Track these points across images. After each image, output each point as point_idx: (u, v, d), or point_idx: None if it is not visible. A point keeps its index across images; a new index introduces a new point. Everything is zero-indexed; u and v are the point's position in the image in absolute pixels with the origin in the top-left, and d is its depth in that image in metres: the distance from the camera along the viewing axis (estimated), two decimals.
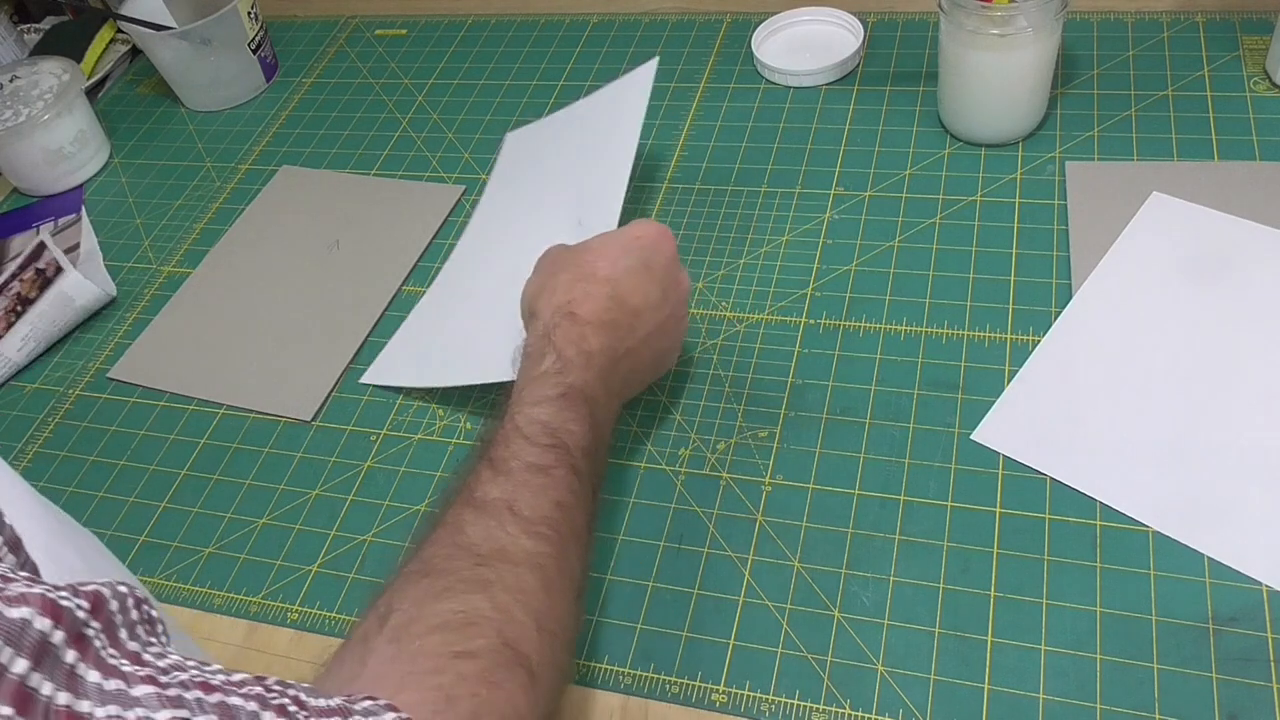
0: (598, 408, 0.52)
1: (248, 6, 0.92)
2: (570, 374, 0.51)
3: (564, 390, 0.51)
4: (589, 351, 0.53)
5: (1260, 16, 0.79)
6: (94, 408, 0.73)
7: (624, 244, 0.57)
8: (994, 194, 0.71)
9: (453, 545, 0.44)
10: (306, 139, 0.90)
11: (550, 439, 0.49)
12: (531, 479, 0.47)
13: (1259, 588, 0.50)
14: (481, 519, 0.45)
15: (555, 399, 0.50)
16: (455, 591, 0.41)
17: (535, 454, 0.48)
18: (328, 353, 0.72)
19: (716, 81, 0.86)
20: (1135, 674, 0.49)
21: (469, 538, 0.44)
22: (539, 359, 0.52)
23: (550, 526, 0.45)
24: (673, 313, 0.58)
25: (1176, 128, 0.72)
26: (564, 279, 0.55)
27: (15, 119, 0.88)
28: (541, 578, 0.44)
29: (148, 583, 0.62)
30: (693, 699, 0.52)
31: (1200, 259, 0.64)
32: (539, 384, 0.51)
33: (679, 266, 0.59)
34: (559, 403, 0.50)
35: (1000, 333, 0.63)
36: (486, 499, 0.46)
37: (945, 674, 0.50)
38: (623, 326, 0.55)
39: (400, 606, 0.41)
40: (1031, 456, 0.57)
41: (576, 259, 0.57)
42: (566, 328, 0.53)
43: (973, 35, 0.68)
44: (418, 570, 0.43)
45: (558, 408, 0.50)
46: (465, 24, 0.99)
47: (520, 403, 0.50)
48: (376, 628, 0.40)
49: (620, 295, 0.55)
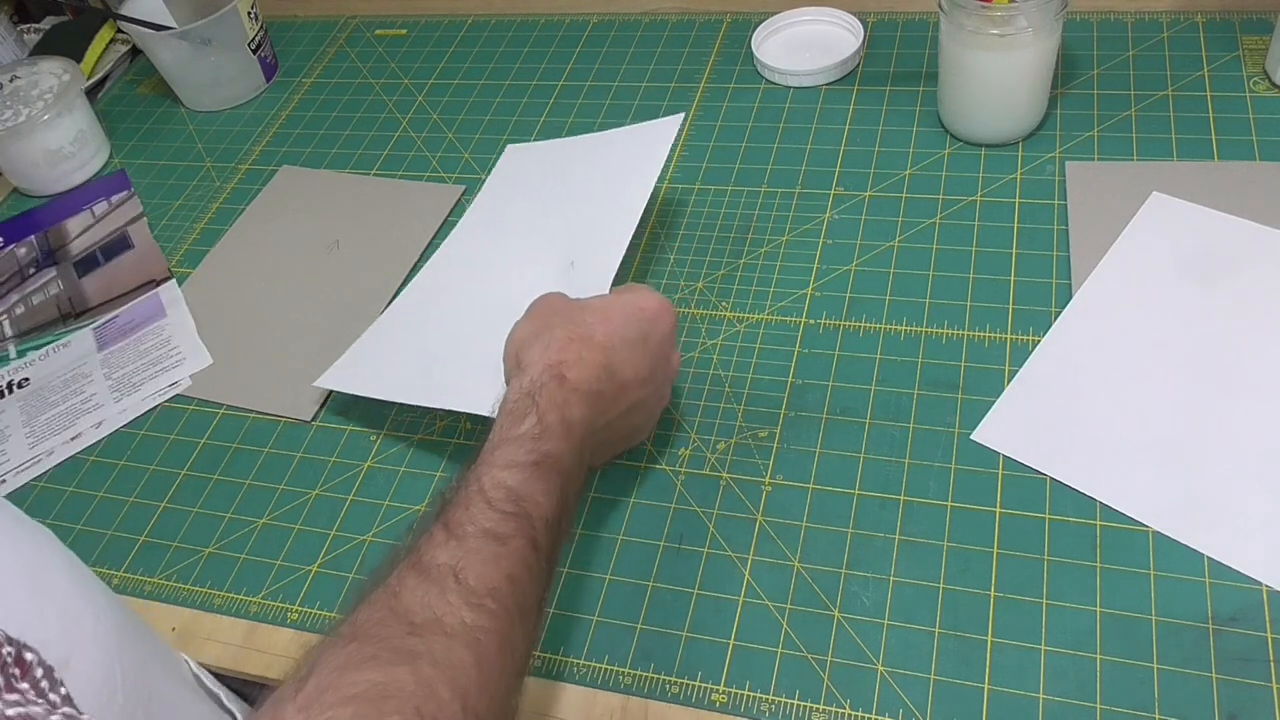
0: (569, 480, 0.49)
1: (248, 6, 0.92)
2: (548, 441, 0.49)
3: (538, 458, 0.48)
4: (570, 420, 0.50)
5: (1260, 16, 0.79)
6: None
7: (626, 312, 0.55)
8: (994, 194, 0.71)
9: (387, 610, 0.42)
10: (306, 139, 0.90)
11: (513, 506, 0.46)
12: (485, 547, 0.44)
13: (1259, 588, 0.50)
14: (423, 585, 0.42)
15: (527, 465, 0.48)
16: (379, 661, 0.39)
17: (494, 520, 0.45)
18: (328, 353, 0.72)
19: (716, 81, 0.86)
20: (1135, 674, 0.49)
21: (404, 604, 0.42)
22: (519, 419, 0.50)
23: (496, 600, 0.43)
24: (657, 390, 0.57)
25: (1176, 128, 0.72)
26: (559, 335, 0.53)
27: (15, 119, 0.88)
28: (476, 654, 0.41)
29: (148, 582, 0.62)
30: (693, 699, 0.52)
31: (1200, 259, 0.64)
32: (514, 446, 0.48)
33: (674, 344, 0.57)
34: (530, 470, 0.47)
35: (1000, 333, 0.63)
36: (433, 563, 0.43)
37: (945, 674, 0.50)
38: (607, 398, 0.53)
39: (319, 672, 0.38)
40: (1031, 456, 0.57)
41: (575, 317, 0.54)
42: (553, 390, 0.51)
43: (973, 35, 0.68)
44: (347, 633, 0.41)
45: (528, 475, 0.47)
46: (465, 24, 0.99)
47: (490, 464, 0.48)
48: (292, 692, 0.37)
49: (613, 366, 0.53)
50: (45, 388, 0.75)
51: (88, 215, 0.89)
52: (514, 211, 0.75)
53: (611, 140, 0.75)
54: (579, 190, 0.72)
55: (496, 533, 0.45)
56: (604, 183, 0.70)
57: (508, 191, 0.77)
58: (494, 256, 0.72)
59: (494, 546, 0.44)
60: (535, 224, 0.72)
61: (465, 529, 0.45)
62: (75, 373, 0.75)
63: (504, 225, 0.74)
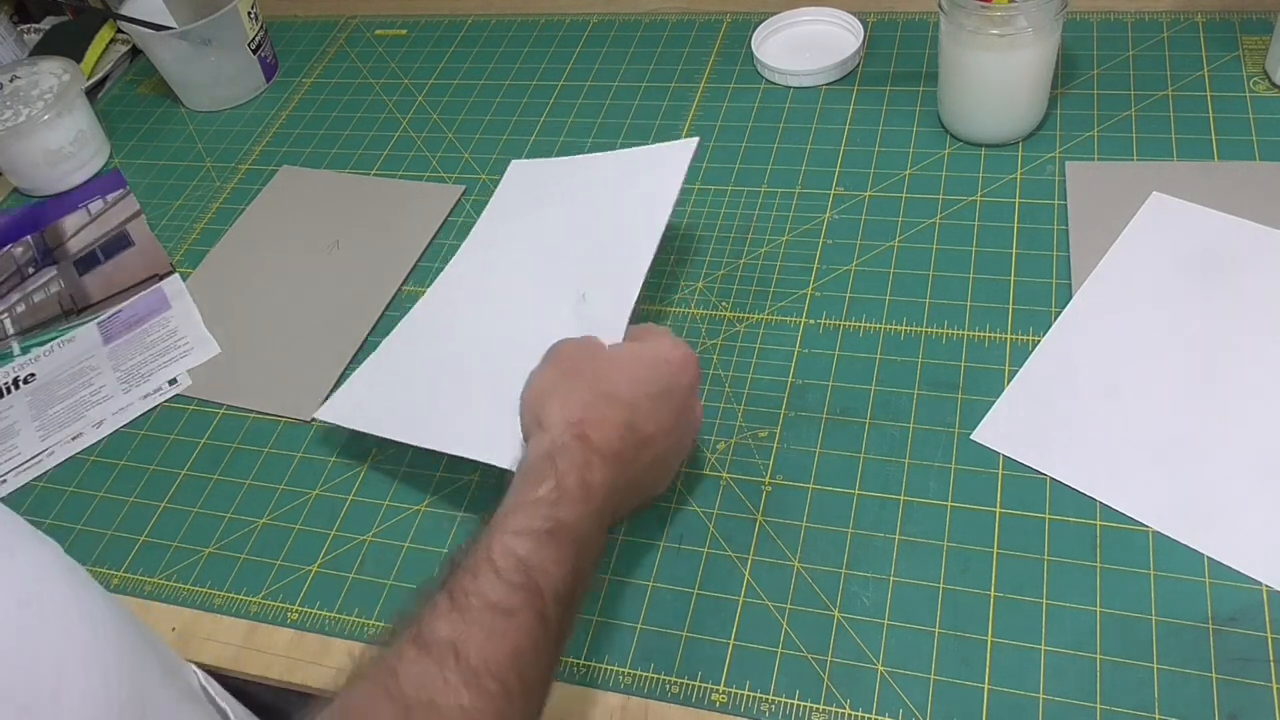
0: (585, 548, 0.47)
1: (248, 6, 0.92)
2: (564, 507, 0.46)
3: (553, 525, 0.46)
4: (591, 484, 0.48)
5: (1260, 16, 0.79)
6: None
7: (650, 365, 0.53)
8: (994, 194, 0.71)
9: (381, 689, 0.40)
10: (306, 139, 0.90)
11: (522, 578, 0.44)
12: (489, 621, 0.42)
13: (1259, 588, 0.50)
14: (421, 660, 0.41)
15: (540, 534, 0.45)
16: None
17: (501, 592, 0.43)
18: (328, 353, 0.72)
19: (716, 81, 0.86)
20: (1135, 674, 0.49)
21: (400, 683, 0.40)
22: (536, 482, 0.47)
23: (497, 679, 0.41)
24: (678, 443, 0.54)
25: (1176, 128, 0.72)
26: (581, 391, 0.51)
27: (15, 119, 0.88)
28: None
29: (148, 582, 0.62)
30: (693, 699, 0.52)
31: (1200, 259, 0.64)
32: (528, 512, 0.46)
33: (696, 397, 0.55)
34: (543, 539, 0.45)
35: (1000, 333, 0.63)
36: (434, 637, 0.41)
37: (945, 674, 0.50)
38: (628, 457, 0.50)
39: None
40: (1031, 456, 0.57)
41: (597, 371, 0.52)
42: (574, 452, 0.48)
43: (973, 35, 0.68)
44: (339, 713, 0.40)
45: (539, 544, 0.45)
46: (465, 24, 0.99)
47: (502, 529, 0.46)
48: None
49: (636, 422, 0.51)
50: (53, 382, 0.75)
51: (83, 214, 0.89)
52: (521, 234, 0.72)
53: (624, 161, 0.71)
54: (590, 215, 0.68)
55: (503, 606, 0.43)
56: (617, 208, 0.67)
57: (514, 212, 0.74)
58: (501, 284, 0.69)
59: (499, 621, 0.42)
60: (544, 249, 0.69)
61: (470, 600, 0.43)
62: (82, 366, 0.76)
63: (510, 249, 0.71)
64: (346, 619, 0.58)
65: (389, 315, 0.73)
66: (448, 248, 0.77)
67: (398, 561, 0.60)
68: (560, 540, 0.46)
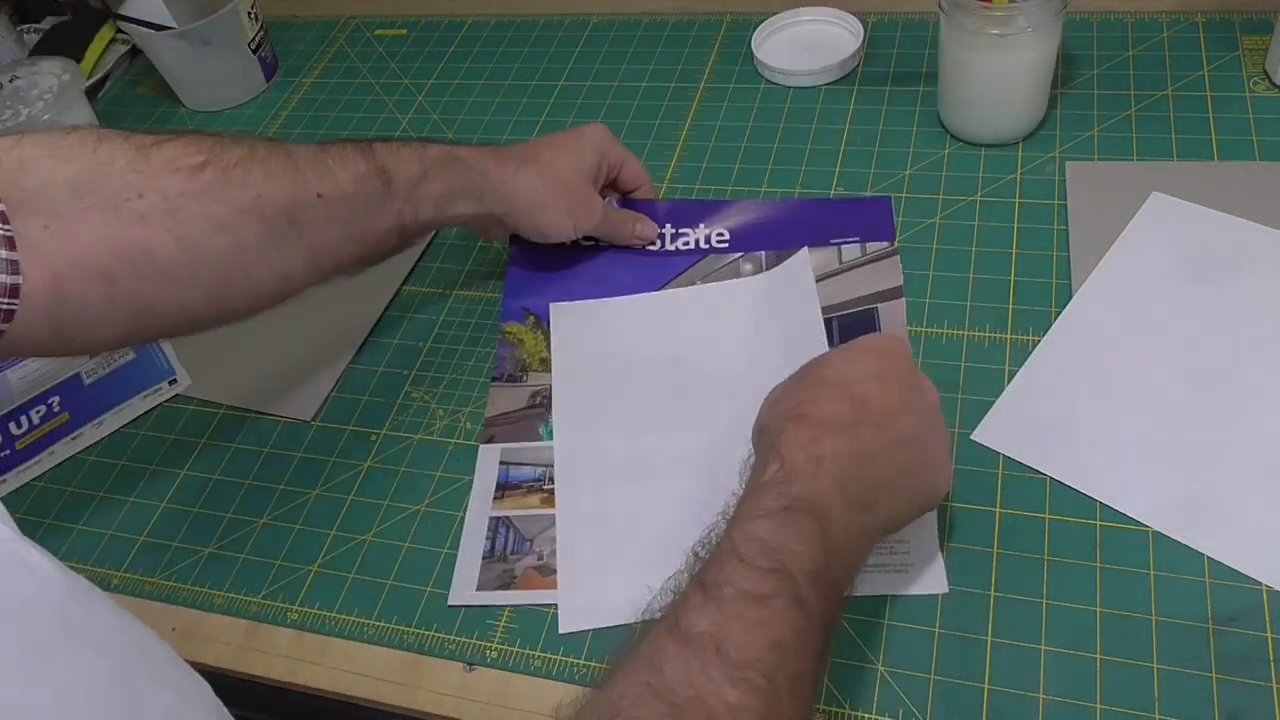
0: (832, 522, 0.44)
1: (248, 6, 0.92)
2: (796, 483, 0.45)
3: (788, 503, 0.44)
4: (820, 456, 0.45)
5: (1260, 16, 0.79)
6: None
7: (854, 351, 0.51)
8: (994, 194, 0.71)
9: (645, 686, 0.39)
10: (306, 139, 0.90)
11: (770, 562, 0.42)
12: (746, 610, 0.41)
13: (1259, 588, 0.50)
14: (683, 655, 0.40)
15: (777, 513, 0.44)
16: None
17: (752, 580, 0.41)
18: (328, 353, 0.72)
19: (716, 81, 0.86)
20: (1135, 674, 0.49)
21: (666, 679, 0.39)
22: (763, 468, 0.46)
23: (761, 672, 0.39)
24: (919, 421, 0.49)
25: (1176, 128, 0.72)
26: (794, 389, 0.50)
27: (15, 119, 0.88)
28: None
29: (148, 582, 0.62)
30: None
31: (1200, 259, 0.64)
32: (759, 495, 0.45)
33: (919, 374, 0.51)
34: (780, 517, 0.43)
35: (1000, 333, 0.63)
36: (693, 631, 0.40)
37: (945, 674, 0.50)
38: (863, 428, 0.47)
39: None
40: (1031, 456, 0.57)
41: (804, 371, 0.51)
42: (794, 431, 0.47)
43: (973, 35, 0.68)
44: (605, 709, 0.39)
45: (778, 523, 0.43)
46: (465, 24, 0.99)
47: (739, 518, 0.45)
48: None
49: (856, 396, 0.48)
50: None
51: None
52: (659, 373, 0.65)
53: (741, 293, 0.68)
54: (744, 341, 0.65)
55: (755, 593, 0.41)
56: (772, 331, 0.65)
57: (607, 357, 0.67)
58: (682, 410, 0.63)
59: (755, 610, 0.41)
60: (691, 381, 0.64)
61: (723, 590, 0.42)
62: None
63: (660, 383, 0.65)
64: (346, 619, 0.58)
65: (390, 315, 0.74)
66: (449, 247, 0.77)
67: (398, 561, 0.60)
68: (798, 517, 0.44)
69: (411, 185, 0.59)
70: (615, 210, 0.72)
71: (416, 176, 0.60)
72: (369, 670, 0.56)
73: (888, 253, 0.68)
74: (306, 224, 0.55)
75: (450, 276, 0.75)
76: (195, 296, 0.52)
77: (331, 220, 0.56)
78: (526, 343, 0.68)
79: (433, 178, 0.61)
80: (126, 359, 0.73)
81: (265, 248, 0.53)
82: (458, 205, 0.63)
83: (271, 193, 0.53)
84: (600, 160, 0.69)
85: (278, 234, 0.53)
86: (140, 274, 0.48)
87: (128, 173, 0.48)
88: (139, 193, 0.48)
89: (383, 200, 0.58)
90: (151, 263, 0.49)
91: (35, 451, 0.69)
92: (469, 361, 0.69)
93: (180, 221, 0.49)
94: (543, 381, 0.66)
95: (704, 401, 0.63)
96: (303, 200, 0.54)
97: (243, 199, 0.52)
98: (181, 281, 0.50)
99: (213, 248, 0.51)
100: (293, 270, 0.55)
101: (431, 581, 0.58)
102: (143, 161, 0.49)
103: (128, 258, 0.48)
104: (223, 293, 0.53)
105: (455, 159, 0.62)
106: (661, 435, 0.62)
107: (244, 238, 0.52)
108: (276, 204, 0.53)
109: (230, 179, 0.51)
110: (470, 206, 0.63)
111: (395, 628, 0.57)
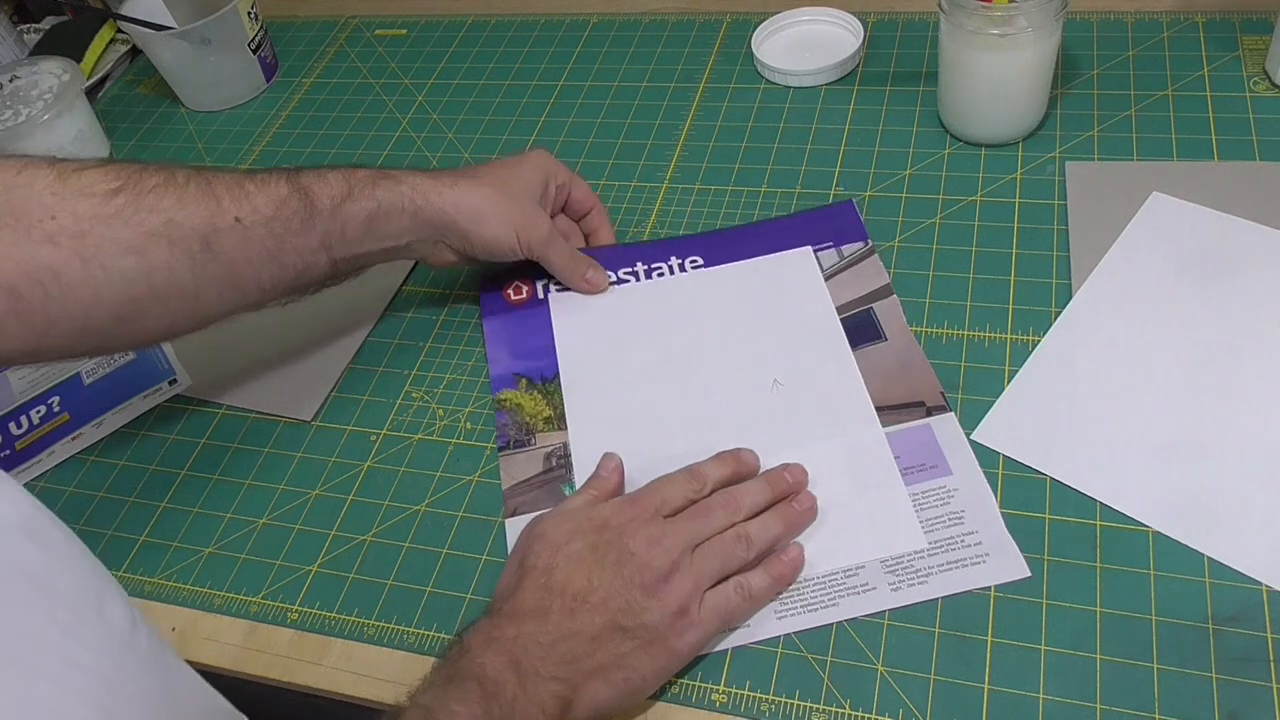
0: (501, 689, 0.46)
1: (248, 6, 0.92)
2: (465, 658, 0.47)
3: (452, 673, 0.47)
4: (496, 638, 0.48)
5: (1260, 16, 0.79)
6: None
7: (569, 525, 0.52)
8: (994, 194, 0.71)
9: None
10: (306, 139, 0.90)
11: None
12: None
13: (1259, 588, 0.50)
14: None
15: (439, 683, 0.47)
16: None
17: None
18: (328, 353, 0.72)
19: (716, 81, 0.86)
20: (1135, 674, 0.49)
21: None
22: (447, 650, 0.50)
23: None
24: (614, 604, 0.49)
25: (1176, 128, 0.72)
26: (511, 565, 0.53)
27: (15, 119, 0.88)
28: None
29: (148, 583, 0.62)
30: (693, 699, 0.52)
31: (1200, 259, 0.64)
32: (433, 671, 0.48)
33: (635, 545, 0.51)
34: (444, 686, 0.46)
35: (1000, 333, 0.63)
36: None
37: (945, 674, 0.50)
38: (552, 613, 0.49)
39: None
40: (1031, 456, 0.57)
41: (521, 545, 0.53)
42: (483, 621, 0.50)
43: (973, 35, 0.68)
44: None
45: (440, 691, 0.46)
46: (465, 24, 0.99)
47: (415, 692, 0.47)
48: None
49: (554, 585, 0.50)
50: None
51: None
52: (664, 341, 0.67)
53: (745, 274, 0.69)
54: (744, 317, 0.67)
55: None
56: (772, 311, 0.67)
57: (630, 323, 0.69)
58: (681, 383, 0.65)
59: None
60: (701, 350, 0.66)
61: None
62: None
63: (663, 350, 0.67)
64: (346, 619, 0.58)
65: (392, 315, 0.74)
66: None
67: (398, 561, 0.60)
68: (460, 682, 0.46)
69: (335, 205, 0.60)
70: (570, 246, 0.69)
71: (340, 196, 0.60)
72: (369, 670, 0.56)
73: (864, 253, 0.69)
74: (222, 248, 0.56)
75: (450, 276, 0.75)
76: (101, 316, 0.53)
77: (249, 243, 0.57)
78: (525, 406, 0.65)
79: (359, 196, 0.61)
80: (127, 359, 0.73)
81: (175, 271, 0.54)
82: (390, 222, 0.62)
83: (184, 217, 0.54)
84: (546, 179, 0.68)
85: (189, 257, 0.55)
86: (46, 292, 0.51)
87: (45, 195, 0.51)
88: (52, 214, 0.51)
89: (304, 223, 0.59)
90: (57, 282, 0.51)
91: (35, 451, 0.70)
92: (469, 361, 0.69)
93: (88, 244, 0.51)
94: (553, 441, 0.63)
95: (714, 380, 0.64)
96: (217, 224, 0.56)
97: (152, 223, 0.53)
98: (86, 301, 0.52)
99: (119, 270, 0.52)
100: (206, 294, 0.57)
101: (431, 581, 0.58)
102: (60, 185, 0.51)
103: (34, 276, 0.50)
104: (131, 312, 0.54)
105: (385, 177, 0.62)
106: (676, 407, 0.63)
107: (152, 261, 0.53)
108: (189, 228, 0.55)
109: (142, 204, 0.53)
110: (404, 222, 0.62)
111: (395, 628, 0.57)
